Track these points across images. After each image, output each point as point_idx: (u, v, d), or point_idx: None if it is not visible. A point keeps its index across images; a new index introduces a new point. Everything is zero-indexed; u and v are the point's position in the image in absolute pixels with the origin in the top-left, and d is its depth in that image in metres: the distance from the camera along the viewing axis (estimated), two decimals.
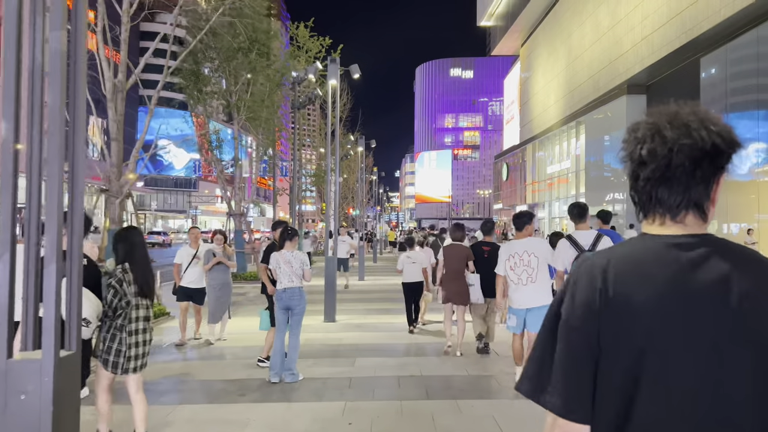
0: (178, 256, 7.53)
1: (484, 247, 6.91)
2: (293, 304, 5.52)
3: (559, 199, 48.63)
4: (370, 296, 12.65)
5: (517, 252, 5.43)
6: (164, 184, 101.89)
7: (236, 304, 11.64)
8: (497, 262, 6.53)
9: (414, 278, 8.37)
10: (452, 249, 6.87)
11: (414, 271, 8.37)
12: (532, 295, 5.24)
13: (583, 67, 43.05)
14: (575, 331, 1.09)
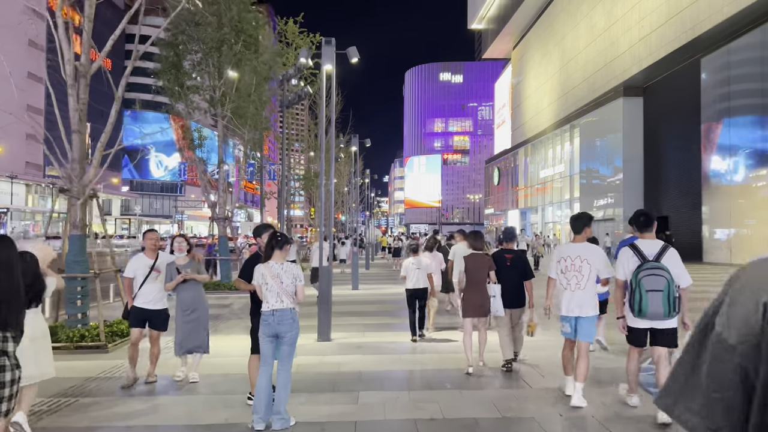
0: (129, 268, 5.89)
1: (506, 255, 6.47)
2: (283, 331, 4.37)
3: (552, 204, 47.90)
4: (367, 309, 11.50)
5: (570, 256, 5.12)
6: (150, 188, 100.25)
7: (219, 318, 10.46)
8: (525, 270, 6.31)
9: (419, 284, 8.05)
10: (474, 259, 6.41)
11: (419, 277, 8.06)
12: (581, 303, 5.01)
13: (577, 70, 42.40)
14: (732, 348, 1.00)
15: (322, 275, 8.27)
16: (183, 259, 5.97)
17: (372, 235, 40.85)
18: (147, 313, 5.81)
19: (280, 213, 21.22)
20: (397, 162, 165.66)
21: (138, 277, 5.85)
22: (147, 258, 5.93)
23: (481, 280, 6.23)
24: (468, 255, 6.50)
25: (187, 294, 5.93)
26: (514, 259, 6.37)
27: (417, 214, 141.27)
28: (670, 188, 31.24)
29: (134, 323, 5.86)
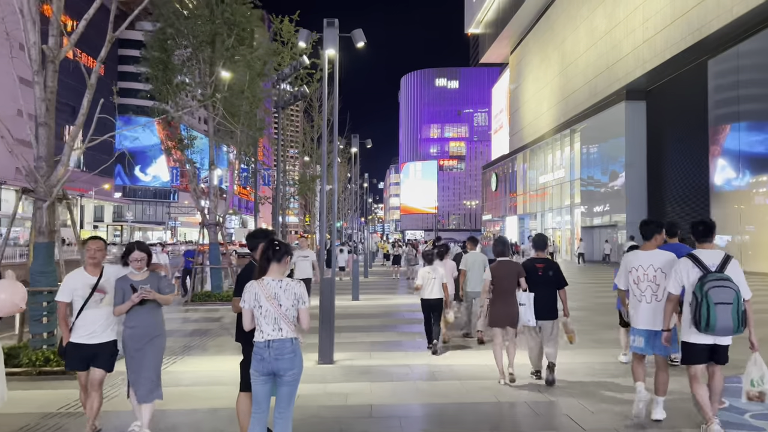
0: (63, 289, 4.43)
1: (537, 264, 6.13)
2: (282, 368, 3.41)
3: (552, 210, 47.08)
4: (371, 323, 10.51)
5: (642, 265, 4.77)
6: (143, 195, 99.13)
7: (207, 334, 9.47)
8: (558, 279, 6.00)
9: (434, 294, 7.75)
10: (502, 267, 6.16)
11: (434, 287, 7.76)
12: (658, 316, 4.63)
13: (577, 73, 41.70)
14: None
15: (324, 288, 7.29)
16: (141, 273, 4.44)
17: (371, 241, 39.83)
18: (89, 349, 4.31)
19: (275, 219, 20.25)
20: (392, 168, 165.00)
21: (76, 301, 4.36)
22: (87, 275, 4.45)
23: (509, 288, 5.95)
24: (495, 264, 6.22)
25: (142, 319, 4.36)
26: (547, 268, 6.04)
27: (413, 220, 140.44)
28: (674, 194, 30.47)
29: (73, 365, 4.42)
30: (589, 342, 8.47)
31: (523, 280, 5.97)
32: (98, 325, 4.37)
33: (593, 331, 9.40)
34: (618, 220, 34.61)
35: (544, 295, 5.90)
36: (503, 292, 5.98)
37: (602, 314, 11.41)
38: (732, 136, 25.48)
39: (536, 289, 5.91)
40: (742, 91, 24.70)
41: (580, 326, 9.87)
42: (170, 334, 9.39)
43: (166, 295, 4.48)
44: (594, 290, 17.18)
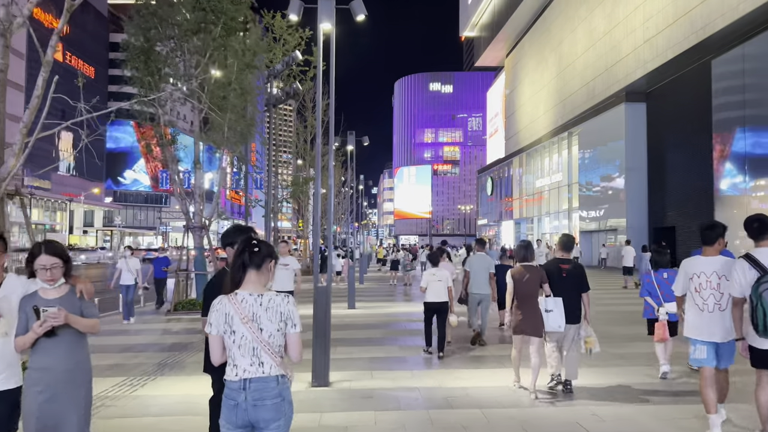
0: None
1: (562, 266, 5.87)
2: (264, 418, 2.49)
3: (549, 214, 46.33)
4: (370, 335, 9.55)
5: (704, 272, 4.49)
6: (134, 199, 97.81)
7: (187, 349, 8.50)
8: (582, 282, 5.77)
9: (439, 298, 7.61)
10: (523, 272, 5.85)
11: (439, 289, 7.61)
12: (722, 326, 4.37)
13: (575, 76, 41.04)
14: None
15: (319, 297, 6.34)
16: (54, 288, 3.06)
17: (367, 246, 38.89)
18: None
19: (266, 223, 19.28)
20: (386, 173, 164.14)
21: None
22: None
23: (532, 295, 5.70)
24: (515, 269, 5.93)
25: (54, 358, 2.98)
26: (571, 270, 5.80)
27: (407, 225, 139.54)
28: (676, 198, 29.76)
29: None
30: (614, 358, 7.56)
31: (546, 286, 5.72)
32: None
33: (618, 344, 8.49)
34: (618, 224, 33.86)
35: (567, 298, 5.68)
36: (525, 298, 5.71)
37: (620, 324, 10.51)
38: (738, 139, 24.78)
39: (561, 291, 5.67)
40: (748, 92, 24.02)
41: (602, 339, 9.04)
42: (145, 349, 8.45)
43: (88, 320, 3.07)
44: (601, 297, 16.31)
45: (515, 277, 5.81)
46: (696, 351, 4.43)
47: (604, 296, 16.05)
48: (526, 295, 5.70)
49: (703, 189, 27.03)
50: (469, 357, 7.68)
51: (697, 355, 4.44)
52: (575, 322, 5.76)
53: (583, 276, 5.84)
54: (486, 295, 8.53)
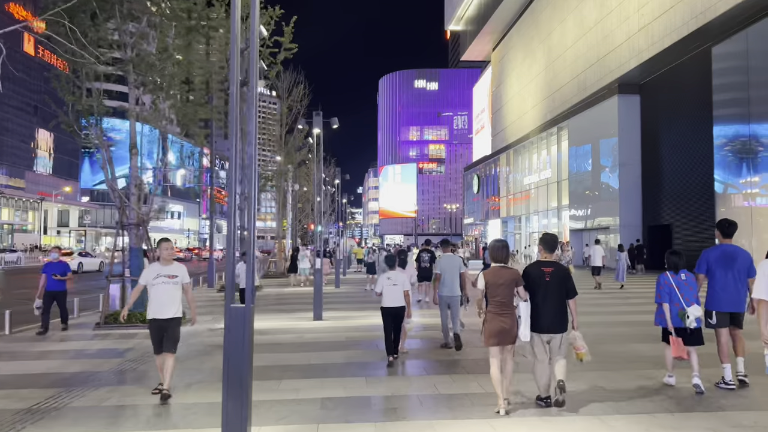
0: None
1: (544, 269, 5.29)
2: None
3: (537, 212, 44.68)
4: (329, 360, 7.33)
5: None
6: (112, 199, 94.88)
7: (90, 381, 6.51)
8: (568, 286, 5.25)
9: (395, 303, 7.31)
10: (497, 273, 5.27)
11: (395, 294, 7.31)
12: None
13: (565, 68, 39.40)
14: None
15: (234, 324, 4.30)
16: None
17: (346, 245, 36.80)
18: None
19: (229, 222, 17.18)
20: (371, 172, 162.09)
21: None
22: None
23: (506, 300, 5.23)
24: (489, 270, 5.40)
25: None
26: (555, 273, 5.30)
27: (392, 224, 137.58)
28: (672, 195, 28.20)
29: None
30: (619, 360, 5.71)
31: (522, 289, 5.22)
32: None
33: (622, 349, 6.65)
34: (610, 223, 32.27)
35: (552, 305, 5.21)
36: (499, 304, 5.20)
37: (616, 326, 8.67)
38: (741, 131, 23.22)
39: (544, 297, 5.20)
40: (752, 81, 22.43)
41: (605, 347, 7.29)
42: (29, 383, 6.24)
43: None
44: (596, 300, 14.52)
45: (489, 279, 5.24)
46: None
47: (607, 301, 14.26)
48: (498, 300, 5.18)
49: (701, 185, 25.47)
50: (445, 396, 5.75)
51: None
52: (561, 331, 5.21)
53: (568, 280, 5.29)
54: (456, 296, 8.13)
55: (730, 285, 5.69)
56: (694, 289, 5.67)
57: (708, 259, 5.84)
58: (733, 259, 5.74)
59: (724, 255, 5.79)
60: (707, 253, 5.89)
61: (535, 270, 5.29)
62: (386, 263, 7.69)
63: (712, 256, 5.83)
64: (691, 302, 5.58)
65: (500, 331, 5.13)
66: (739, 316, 5.79)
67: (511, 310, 5.20)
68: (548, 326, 5.16)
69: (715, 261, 5.79)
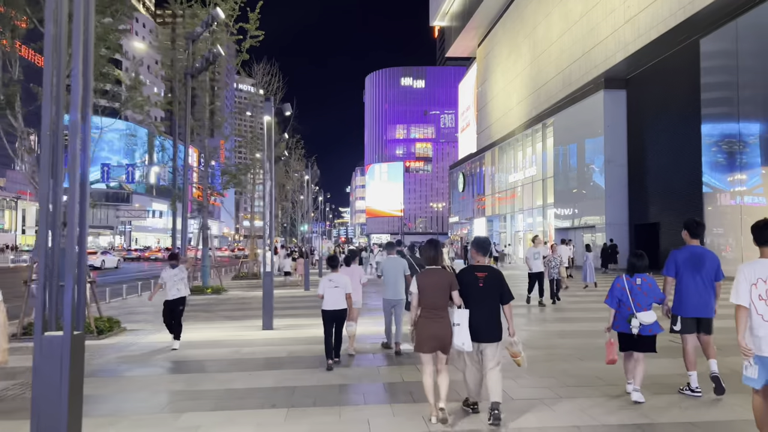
0: None
1: (478, 273, 4.99)
2: None
3: (522, 211, 43.73)
4: (258, 383, 6.17)
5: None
6: (93, 197, 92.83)
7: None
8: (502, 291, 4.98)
9: (336, 305, 6.99)
10: (429, 276, 4.93)
11: (337, 296, 6.99)
12: None
13: (550, 63, 38.44)
14: None
15: (46, 356, 3.11)
16: None
17: (323, 248, 35.54)
18: None
19: (178, 220, 16.07)
20: (358, 170, 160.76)
21: None
22: None
23: (439, 304, 4.83)
24: (422, 273, 5.00)
25: None
26: (489, 278, 4.93)
27: (379, 223, 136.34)
28: (659, 192, 27.32)
29: None
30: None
31: (456, 294, 4.90)
32: None
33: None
34: (595, 221, 31.34)
35: (486, 312, 4.92)
36: (430, 308, 4.88)
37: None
38: (730, 127, 22.34)
39: (477, 303, 4.89)
40: (742, 75, 21.55)
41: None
42: None
43: None
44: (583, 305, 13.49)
45: (421, 283, 4.93)
46: (749, 369, 3.80)
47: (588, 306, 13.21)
48: (431, 304, 4.88)
49: (689, 183, 24.59)
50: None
51: (750, 373, 3.81)
52: (496, 340, 4.94)
53: (502, 284, 5.02)
54: (400, 300, 7.86)
55: (698, 289, 5.41)
56: (649, 296, 5.29)
57: (676, 260, 5.52)
58: (701, 262, 5.45)
59: (692, 257, 5.49)
60: (675, 255, 5.57)
61: (468, 275, 4.96)
62: (328, 264, 7.56)
63: (681, 257, 5.52)
64: (643, 308, 5.23)
65: (432, 337, 4.79)
66: (708, 322, 5.48)
67: (445, 316, 4.85)
68: (482, 334, 4.82)
69: (683, 263, 5.48)
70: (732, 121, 22.09)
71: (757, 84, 20.84)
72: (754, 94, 21.01)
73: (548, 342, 8.63)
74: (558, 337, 9.04)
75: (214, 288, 18.38)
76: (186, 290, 8.54)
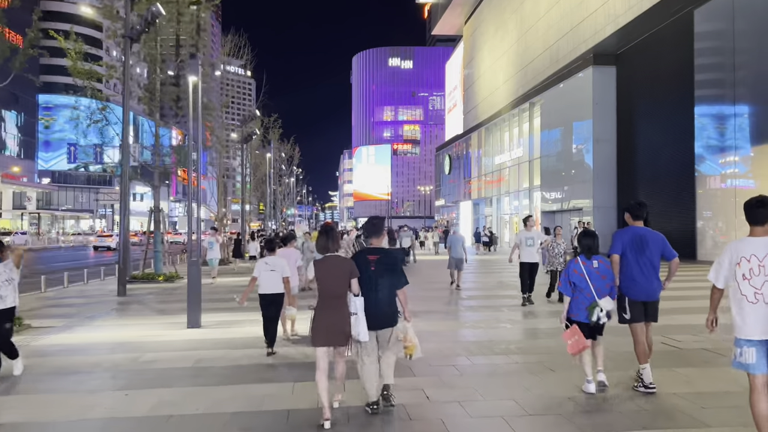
0: None
1: (369, 257, 4.73)
2: None
3: (509, 194, 42.38)
4: (126, 411, 4.65)
5: (756, 255, 3.65)
6: (74, 180, 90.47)
7: None
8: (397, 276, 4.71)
9: (273, 289, 6.85)
10: (326, 264, 4.64)
11: (273, 280, 6.82)
12: None
13: (537, 39, 36.84)
14: None
15: None
16: None
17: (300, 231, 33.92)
18: None
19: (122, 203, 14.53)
20: (346, 153, 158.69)
21: None
22: None
23: (337, 293, 4.58)
24: (319, 259, 4.71)
25: None
26: (381, 261, 4.69)
27: (366, 207, 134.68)
28: (649, 174, 26.05)
29: None
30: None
31: (355, 281, 4.57)
32: None
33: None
34: (583, 204, 30.05)
35: (380, 298, 4.65)
36: (327, 298, 4.57)
37: None
38: (725, 107, 21.01)
39: (370, 289, 4.62)
40: (738, 49, 20.14)
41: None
42: None
43: None
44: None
45: (317, 271, 4.58)
46: (744, 354, 3.56)
47: None
48: (327, 293, 4.55)
49: (681, 165, 23.30)
50: None
51: (744, 359, 3.56)
52: (390, 325, 4.69)
53: (396, 268, 4.72)
54: None
55: (642, 271, 5.11)
56: (608, 278, 4.97)
57: (623, 240, 5.19)
58: (645, 243, 5.15)
59: (635, 238, 5.18)
60: (621, 234, 5.27)
61: (360, 259, 4.71)
62: (266, 247, 7.33)
63: (626, 238, 5.20)
64: (603, 293, 4.90)
65: (329, 329, 4.55)
66: (654, 306, 5.17)
67: (343, 306, 4.59)
68: (376, 320, 4.61)
69: (628, 244, 5.17)
70: (728, 98, 20.75)
71: (753, 65, 19.50)
72: (749, 75, 19.69)
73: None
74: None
75: (167, 275, 16.95)
76: (13, 298, 5.85)
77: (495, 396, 5.01)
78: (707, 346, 6.84)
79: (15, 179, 70.82)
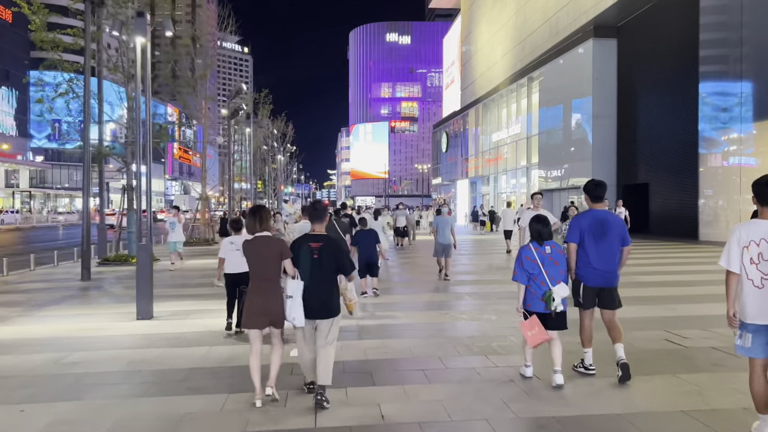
0: None
1: (312, 244, 4.47)
2: None
3: (506, 172, 41.39)
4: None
5: (765, 239, 3.44)
6: (68, 158, 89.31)
7: None
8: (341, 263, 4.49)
9: (238, 269, 6.68)
10: (255, 245, 4.48)
11: (239, 260, 6.19)
12: None
13: (536, 10, 35.47)
14: None
15: None
16: None
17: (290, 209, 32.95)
18: None
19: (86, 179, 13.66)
20: (343, 131, 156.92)
21: None
22: None
23: (267, 274, 4.42)
24: (249, 240, 4.55)
25: None
26: (325, 248, 4.43)
27: (363, 185, 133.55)
28: (650, 152, 25.09)
29: None
30: None
31: (288, 263, 4.37)
32: None
33: None
34: (582, 182, 29.07)
35: (320, 286, 4.41)
36: (260, 280, 4.43)
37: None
38: (730, 83, 19.96)
39: (312, 279, 4.38)
40: (746, 21, 19.01)
41: None
42: None
43: None
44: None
45: (246, 251, 4.48)
46: (744, 338, 3.49)
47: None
48: (259, 275, 4.41)
49: (684, 143, 22.32)
50: None
51: (744, 342, 3.49)
52: (331, 315, 4.44)
53: (339, 254, 4.49)
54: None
55: (601, 257, 4.87)
56: (561, 264, 4.79)
57: (581, 226, 4.94)
58: (605, 228, 4.91)
59: (595, 223, 4.92)
60: (579, 220, 5.02)
61: (302, 245, 4.46)
62: (231, 226, 7.40)
63: (585, 223, 4.94)
64: (557, 280, 4.72)
65: (260, 311, 4.38)
66: (610, 293, 4.93)
67: (276, 288, 4.43)
68: (315, 310, 4.38)
69: (586, 230, 4.91)
70: (735, 74, 19.70)
71: (760, 41, 18.39)
72: (756, 50, 18.60)
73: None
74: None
75: None
76: None
77: (465, 413, 4.14)
78: (716, 344, 5.99)
79: (8, 157, 69.58)
